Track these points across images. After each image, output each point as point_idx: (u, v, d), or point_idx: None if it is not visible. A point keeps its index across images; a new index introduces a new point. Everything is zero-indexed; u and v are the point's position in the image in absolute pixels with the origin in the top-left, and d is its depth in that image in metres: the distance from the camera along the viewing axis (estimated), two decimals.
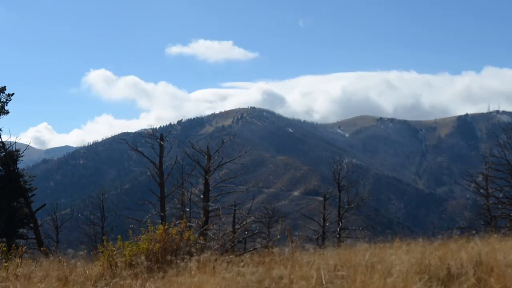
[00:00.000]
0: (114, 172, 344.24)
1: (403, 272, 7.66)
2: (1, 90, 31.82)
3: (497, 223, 30.97)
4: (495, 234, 13.39)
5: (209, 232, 16.55)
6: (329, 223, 34.25)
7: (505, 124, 42.99)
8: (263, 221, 39.55)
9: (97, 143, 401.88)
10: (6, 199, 30.85)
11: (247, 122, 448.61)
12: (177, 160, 27.18)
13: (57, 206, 41.92)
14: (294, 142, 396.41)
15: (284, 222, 19.30)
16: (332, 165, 36.41)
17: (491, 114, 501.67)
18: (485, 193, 32.18)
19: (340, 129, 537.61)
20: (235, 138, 30.33)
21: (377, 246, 11.33)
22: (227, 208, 25.83)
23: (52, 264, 11.31)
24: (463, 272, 8.00)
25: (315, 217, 38.06)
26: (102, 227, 39.81)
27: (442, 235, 13.06)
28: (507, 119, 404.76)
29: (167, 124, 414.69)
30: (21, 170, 33.48)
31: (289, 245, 11.75)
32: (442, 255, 9.16)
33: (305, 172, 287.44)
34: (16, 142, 31.97)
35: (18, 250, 12.71)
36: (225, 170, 35.06)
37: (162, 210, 25.49)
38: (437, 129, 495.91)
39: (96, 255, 12.10)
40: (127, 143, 27.68)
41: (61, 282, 9.38)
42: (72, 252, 12.81)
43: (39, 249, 24.20)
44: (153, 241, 11.25)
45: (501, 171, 30.78)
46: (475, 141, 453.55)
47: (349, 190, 34.75)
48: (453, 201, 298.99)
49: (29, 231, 32.75)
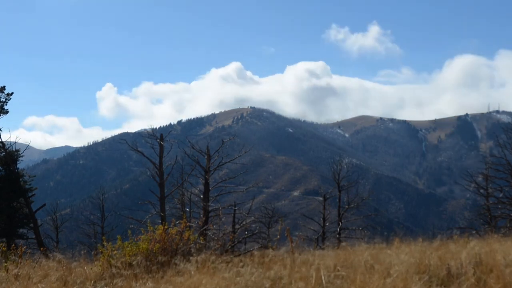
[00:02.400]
0: (114, 172, 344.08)
1: (403, 272, 7.66)
2: (1, 90, 31.81)
3: (497, 223, 30.96)
4: (495, 234, 13.40)
5: (209, 232, 16.55)
6: (329, 223, 34.22)
7: (505, 124, 42.94)
8: (263, 221, 39.51)
9: (97, 143, 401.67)
10: (6, 199, 30.83)
11: (247, 122, 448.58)
12: (177, 160, 27.18)
13: (57, 206, 41.81)
14: (294, 142, 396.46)
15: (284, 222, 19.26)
16: (332, 165, 36.37)
17: (491, 114, 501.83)
18: (485, 193, 32.16)
19: (340, 129, 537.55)
20: (235, 138, 30.27)
21: (376, 246, 11.33)
22: (227, 208, 25.81)
23: (52, 264, 11.30)
24: (462, 272, 8.00)
25: (315, 217, 38.03)
26: (102, 227, 39.77)
27: (442, 235, 13.06)
28: (507, 119, 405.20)
29: (167, 124, 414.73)
30: (21, 170, 33.47)
31: (289, 245, 11.75)
32: (441, 255, 9.16)
33: (305, 172, 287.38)
34: (16, 142, 31.97)
35: (18, 250, 12.72)
36: (225, 170, 35.02)
37: (162, 210, 25.49)
38: (437, 129, 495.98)
39: (96, 255, 12.10)
40: (127, 143, 27.68)
41: (61, 283, 9.38)
42: (72, 252, 12.82)
43: (39, 249, 24.20)
44: (153, 241, 11.25)
45: (501, 171, 30.75)
46: (475, 141, 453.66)
47: (349, 190, 34.71)
48: (453, 201, 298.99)
49: (29, 231, 32.74)
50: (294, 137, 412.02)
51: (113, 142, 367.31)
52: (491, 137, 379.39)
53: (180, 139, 32.27)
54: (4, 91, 32.01)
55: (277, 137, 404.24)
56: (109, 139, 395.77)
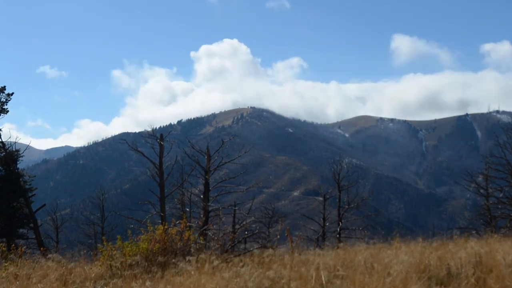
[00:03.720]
0: (114, 172, 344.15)
1: (403, 272, 7.66)
2: (1, 90, 31.82)
3: (497, 223, 30.95)
4: (495, 234, 13.40)
5: (209, 232, 16.54)
6: (329, 223, 34.21)
7: (505, 124, 42.93)
8: (263, 221, 39.53)
9: (97, 143, 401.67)
10: (6, 199, 30.82)
11: (247, 122, 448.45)
12: (177, 160, 27.18)
13: (57, 206, 41.81)
14: (294, 142, 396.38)
15: (284, 222, 19.27)
16: (332, 165, 36.35)
17: (491, 114, 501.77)
18: (485, 193, 32.15)
19: (340, 129, 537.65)
20: (235, 138, 30.28)
21: (376, 246, 11.34)
22: (227, 208, 25.79)
23: (52, 264, 11.30)
24: (462, 272, 8.00)
25: (315, 217, 38.02)
26: (102, 227, 39.78)
27: (441, 235, 13.07)
28: (507, 119, 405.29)
29: (167, 124, 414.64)
30: (21, 170, 33.46)
31: (289, 245, 11.76)
32: (441, 255, 9.16)
33: (305, 172, 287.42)
34: (16, 142, 31.96)
35: (18, 250, 12.71)
36: (225, 170, 34.96)
37: (162, 210, 25.49)
38: (437, 129, 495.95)
39: (96, 255, 12.10)
40: (127, 143, 27.67)
41: (61, 283, 9.38)
42: (72, 252, 12.81)
43: (39, 249, 24.19)
44: (153, 241, 11.25)
45: (501, 171, 30.74)
46: (475, 141, 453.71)
47: (349, 190, 34.69)
48: (453, 201, 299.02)
49: (29, 231, 32.73)
50: (294, 137, 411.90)
51: (113, 142, 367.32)
52: (491, 137, 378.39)
53: (180, 139, 32.25)
54: (5, 91, 32.03)
55: (277, 137, 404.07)
56: (109, 139, 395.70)
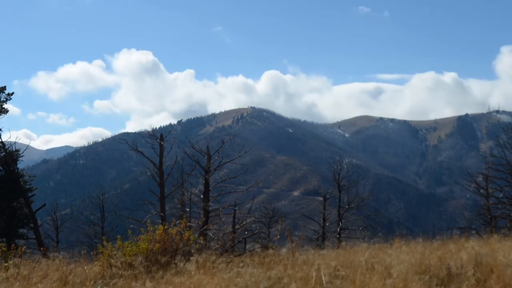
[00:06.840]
0: (114, 172, 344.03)
1: (403, 273, 7.66)
2: (1, 89, 31.83)
3: (497, 223, 30.92)
4: (495, 234, 13.38)
5: (209, 232, 16.54)
6: (329, 223, 34.21)
7: (505, 124, 42.91)
8: (263, 221, 39.52)
9: (97, 143, 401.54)
10: (6, 199, 30.83)
11: (247, 122, 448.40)
12: (177, 160, 27.16)
13: (57, 206, 41.77)
14: (294, 142, 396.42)
15: (284, 222, 19.28)
16: (332, 165, 36.34)
17: (491, 114, 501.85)
18: (485, 193, 32.12)
19: (340, 129, 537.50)
20: (235, 138, 30.24)
21: (376, 247, 11.33)
22: (227, 208, 25.78)
23: (52, 264, 11.29)
24: (463, 272, 7.99)
25: (315, 217, 38.03)
26: (102, 227, 39.76)
27: (442, 235, 13.06)
28: (507, 119, 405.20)
29: (167, 124, 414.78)
30: (21, 170, 33.45)
31: (289, 245, 11.75)
32: (442, 255, 9.15)
33: (305, 172, 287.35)
34: (16, 142, 31.95)
35: (18, 250, 12.70)
36: (225, 170, 34.97)
37: (162, 210, 25.48)
38: (437, 129, 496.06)
39: (96, 255, 12.09)
40: (127, 143, 27.65)
41: (61, 283, 9.37)
42: (72, 252, 12.81)
43: (39, 249, 24.18)
44: (153, 241, 11.24)
45: (501, 171, 30.72)
46: (475, 141, 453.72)
47: (349, 190, 34.67)
48: (453, 201, 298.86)
49: (29, 231, 32.72)
50: (294, 137, 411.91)
51: (113, 142, 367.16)
52: (491, 137, 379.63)
53: (180, 139, 32.21)
54: (5, 91, 32.05)
55: (277, 137, 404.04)
56: (109, 139, 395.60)
